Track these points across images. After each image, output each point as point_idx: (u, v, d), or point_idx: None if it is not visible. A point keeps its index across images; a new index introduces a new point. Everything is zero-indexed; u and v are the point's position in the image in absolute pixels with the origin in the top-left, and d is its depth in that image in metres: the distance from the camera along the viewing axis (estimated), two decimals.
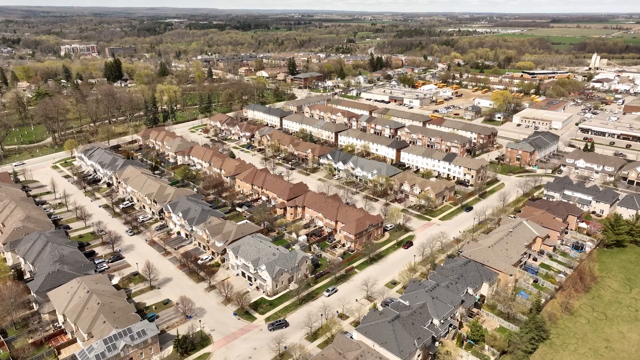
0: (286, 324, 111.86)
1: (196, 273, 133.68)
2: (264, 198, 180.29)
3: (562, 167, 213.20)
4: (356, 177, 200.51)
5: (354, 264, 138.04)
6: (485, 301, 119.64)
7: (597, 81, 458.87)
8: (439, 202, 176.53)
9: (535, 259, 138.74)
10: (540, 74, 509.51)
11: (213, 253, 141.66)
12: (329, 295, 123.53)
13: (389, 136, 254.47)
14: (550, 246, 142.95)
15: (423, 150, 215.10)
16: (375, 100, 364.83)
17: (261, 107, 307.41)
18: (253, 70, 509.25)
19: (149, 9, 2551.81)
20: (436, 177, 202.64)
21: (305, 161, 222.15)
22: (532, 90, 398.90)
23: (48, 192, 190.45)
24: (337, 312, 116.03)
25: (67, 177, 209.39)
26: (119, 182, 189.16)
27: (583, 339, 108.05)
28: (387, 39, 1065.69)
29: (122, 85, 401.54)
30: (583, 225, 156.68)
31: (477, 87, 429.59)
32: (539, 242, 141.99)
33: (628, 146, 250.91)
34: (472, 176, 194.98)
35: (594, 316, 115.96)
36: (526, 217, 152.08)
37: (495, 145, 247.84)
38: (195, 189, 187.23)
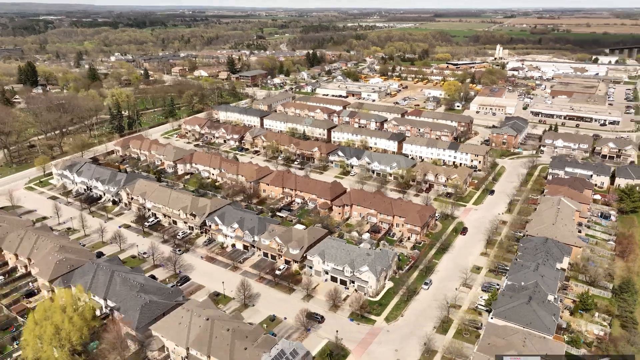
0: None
1: (280, 285, 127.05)
2: (298, 200, 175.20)
3: (542, 148, 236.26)
4: (373, 171, 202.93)
5: (429, 255, 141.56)
6: (566, 273, 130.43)
7: (513, 69, 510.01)
8: (464, 188, 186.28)
9: (579, 231, 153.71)
10: (462, 64, 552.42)
11: (287, 262, 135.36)
12: (428, 288, 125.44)
13: (376, 129, 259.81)
14: (584, 218, 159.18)
15: (426, 140, 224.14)
16: (333, 96, 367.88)
17: (234, 107, 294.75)
18: (187, 69, 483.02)
19: (12, 4, 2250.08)
20: (443, 165, 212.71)
21: (311, 160, 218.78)
22: (468, 80, 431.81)
23: (44, 217, 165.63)
24: (447, 302, 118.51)
25: (54, 198, 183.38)
26: (132, 198, 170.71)
27: None
28: (293, 34, 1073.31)
29: (42, 91, 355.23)
30: (597, 197, 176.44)
31: (417, 79, 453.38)
32: (577, 215, 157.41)
33: (577, 125, 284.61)
34: (480, 161, 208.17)
35: None
36: (554, 194, 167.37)
37: (472, 132, 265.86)
38: (217, 197, 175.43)
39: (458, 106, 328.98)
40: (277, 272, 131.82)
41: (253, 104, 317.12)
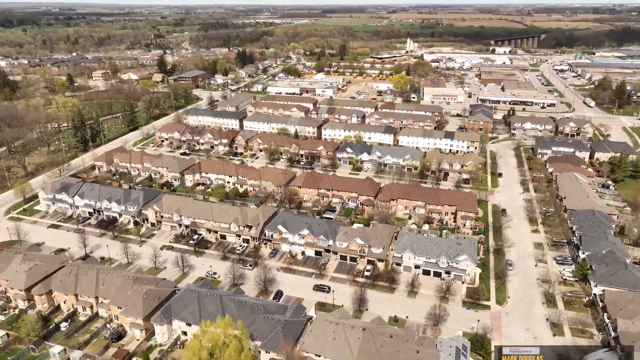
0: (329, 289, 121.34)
1: (377, 285, 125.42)
2: (335, 200, 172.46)
3: (513, 131, 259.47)
4: (385, 165, 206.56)
5: (490, 239, 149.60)
6: None
7: (433, 61, 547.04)
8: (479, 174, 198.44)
9: None
10: (385, 57, 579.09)
11: (370, 262, 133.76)
12: (512, 269, 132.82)
13: (359, 123, 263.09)
14: (593, 189, 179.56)
15: (421, 131, 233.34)
16: (287, 93, 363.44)
17: (207, 111, 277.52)
18: (110, 73, 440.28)
19: None
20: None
21: (317, 159, 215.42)
22: (404, 72, 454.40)
23: (62, 249, 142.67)
24: (537, 279, 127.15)
25: (55, 226, 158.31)
26: (162, 217, 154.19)
27: None
28: (192, 32, 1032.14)
29: None
30: (589, 170, 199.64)
31: (355, 74, 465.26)
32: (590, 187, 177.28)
33: (524, 109, 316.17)
34: (476, 147, 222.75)
35: None
36: (560, 171, 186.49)
37: (444, 120, 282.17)
38: (252, 205, 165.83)
39: (414, 97, 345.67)
40: (367, 274, 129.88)
41: (219, 106, 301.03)
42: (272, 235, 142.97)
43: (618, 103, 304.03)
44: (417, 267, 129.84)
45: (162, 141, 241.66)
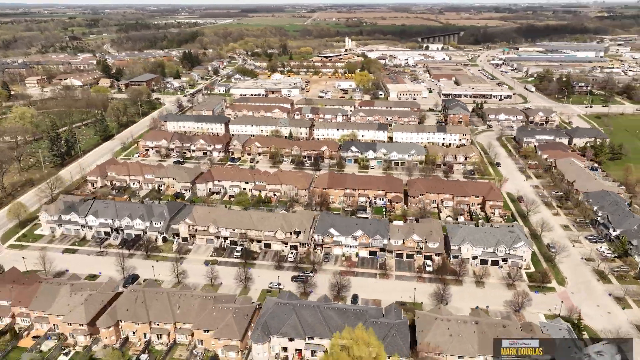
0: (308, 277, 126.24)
1: (445, 279, 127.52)
2: (362, 200, 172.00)
3: (488, 123, 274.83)
4: (391, 161, 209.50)
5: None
6: None
7: (379, 59, 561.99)
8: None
9: None
10: (332, 56, 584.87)
11: (427, 257, 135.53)
12: (555, 251, 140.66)
13: (350, 122, 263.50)
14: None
15: (415, 127, 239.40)
16: (252, 95, 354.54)
17: (187, 116, 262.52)
18: (46, 79, 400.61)
19: None
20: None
21: (321, 160, 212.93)
22: (358, 69, 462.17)
23: (94, 276, 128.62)
24: (582, 258, 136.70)
25: (70, 251, 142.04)
26: (196, 230, 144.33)
27: None
28: (111, 34, 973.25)
29: None
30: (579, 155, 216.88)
31: (311, 73, 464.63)
32: None
33: (485, 102, 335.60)
34: (467, 140, 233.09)
35: None
36: (555, 157, 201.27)
37: (422, 115, 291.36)
38: (282, 211, 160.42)
39: (381, 95, 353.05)
40: (429, 269, 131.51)
41: (195, 110, 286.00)
42: (322, 239, 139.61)
43: (567, 93, 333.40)
44: (474, 257, 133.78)
45: (147, 150, 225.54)
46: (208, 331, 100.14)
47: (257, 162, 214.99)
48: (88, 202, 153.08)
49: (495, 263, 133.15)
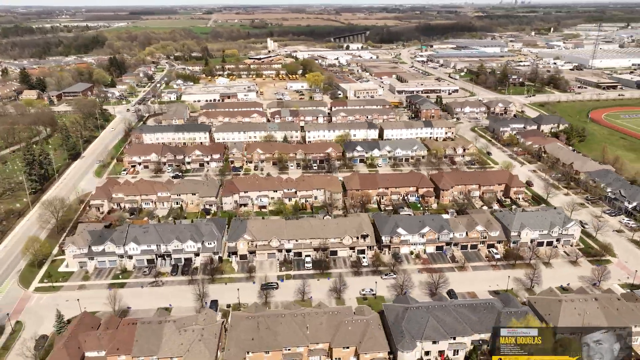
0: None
1: (517, 265, 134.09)
2: (394, 197, 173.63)
3: (455, 115, 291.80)
4: (395, 158, 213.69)
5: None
6: None
7: (315, 59, 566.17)
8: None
9: None
10: (263, 58, 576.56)
11: (490, 245, 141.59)
12: (589, 226, 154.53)
13: (325, 122, 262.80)
14: None
15: (403, 123, 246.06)
16: (206, 101, 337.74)
17: (164, 127, 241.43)
18: None
19: None
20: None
21: (326, 162, 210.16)
22: (300, 71, 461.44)
23: (165, 309, 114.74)
24: (613, 230, 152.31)
25: (118, 285, 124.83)
26: (256, 245, 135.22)
27: None
28: None
29: None
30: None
31: (253, 76, 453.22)
32: None
33: (438, 97, 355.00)
34: (453, 133, 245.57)
35: None
36: (540, 143, 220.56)
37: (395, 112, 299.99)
38: (325, 216, 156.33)
39: (339, 94, 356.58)
40: (497, 257, 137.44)
41: (163, 119, 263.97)
42: (390, 239, 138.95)
43: (507, 85, 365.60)
44: (532, 240, 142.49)
45: (133, 167, 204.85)
46: (348, 347, 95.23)
47: (262, 169, 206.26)
48: (121, 229, 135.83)
49: (549, 244, 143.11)
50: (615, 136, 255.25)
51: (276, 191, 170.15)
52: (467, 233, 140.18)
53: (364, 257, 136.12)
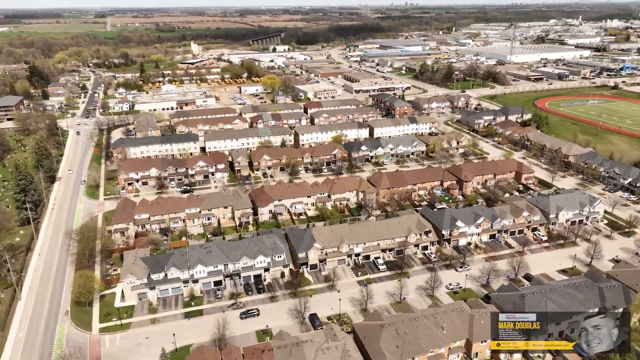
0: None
1: (563, 244, 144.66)
2: (421, 193, 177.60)
3: (422, 110, 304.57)
4: (397, 154, 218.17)
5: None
6: None
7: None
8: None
9: None
10: (196, 62, 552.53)
11: (533, 229, 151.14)
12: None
13: (308, 124, 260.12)
14: None
15: (391, 121, 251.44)
16: (164, 109, 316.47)
17: (149, 138, 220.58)
18: None
19: None
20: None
21: (333, 164, 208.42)
22: (245, 74, 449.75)
23: (264, 332, 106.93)
24: (616, 204, 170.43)
25: (195, 314, 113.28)
26: (326, 253, 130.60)
27: None
28: None
29: None
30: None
31: (197, 82, 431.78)
32: None
33: (394, 94, 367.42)
34: (436, 127, 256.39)
35: None
36: (520, 132, 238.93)
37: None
38: (366, 217, 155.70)
39: (301, 96, 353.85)
40: (544, 239, 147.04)
41: (138, 131, 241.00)
42: (450, 232, 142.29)
43: (455, 81, 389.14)
44: (567, 220, 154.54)
45: (130, 184, 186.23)
46: (486, 341, 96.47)
47: (271, 175, 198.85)
48: (181, 252, 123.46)
49: (580, 222, 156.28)
50: (567, 122, 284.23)
51: (310, 196, 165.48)
52: (514, 220, 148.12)
53: (431, 253, 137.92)
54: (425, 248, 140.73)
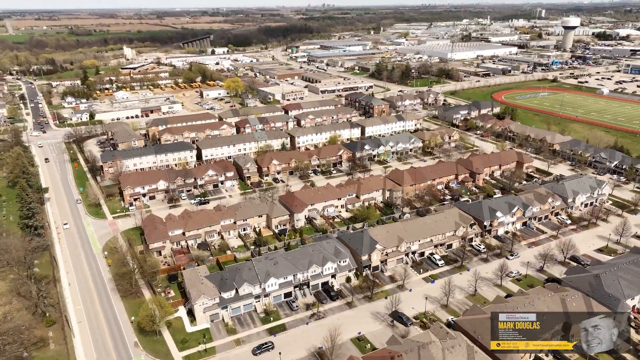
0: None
1: (588, 225, 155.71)
2: (440, 187, 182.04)
3: (398, 109, 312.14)
4: (397, 152, 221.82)
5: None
6: None
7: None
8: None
9: None
10: (138, 67, 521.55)
11: (556, 214, 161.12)
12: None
13: (295, 126, 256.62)
14: None
15: (380, 120, 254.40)
16: (135, 116, 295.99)
17: (142, 149, 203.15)
18: None
19: None
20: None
21: (339, 165, 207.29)
22: (199, 78, 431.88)
23: (359, 339, 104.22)
24: (615, 185, 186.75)
25: (278, 329, 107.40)
26: (387, 254, 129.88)
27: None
28: None
29: None
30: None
31: (151, 87, 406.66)
32: None
33: (360, 93, 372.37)
34: (420, 123, 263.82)
35: None
36: (502, 125, 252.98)
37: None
38: (403, 216, 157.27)
39: (270, 98, 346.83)
40: (568, 222, 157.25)
41: (120, 142, 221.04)
42: (490, 223, 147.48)
43: (414, 79, 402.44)
44: (581, 204, 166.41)
45: (136, 199, 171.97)
46: None
47: (282, 180, 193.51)
48: (247, 266, 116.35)
49: (591, 204, 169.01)
50: (529, 114, 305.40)
51: (340, 199, 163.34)
52: (540, 207, 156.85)
53: (479, 245, 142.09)
54: (471, 240, 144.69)
